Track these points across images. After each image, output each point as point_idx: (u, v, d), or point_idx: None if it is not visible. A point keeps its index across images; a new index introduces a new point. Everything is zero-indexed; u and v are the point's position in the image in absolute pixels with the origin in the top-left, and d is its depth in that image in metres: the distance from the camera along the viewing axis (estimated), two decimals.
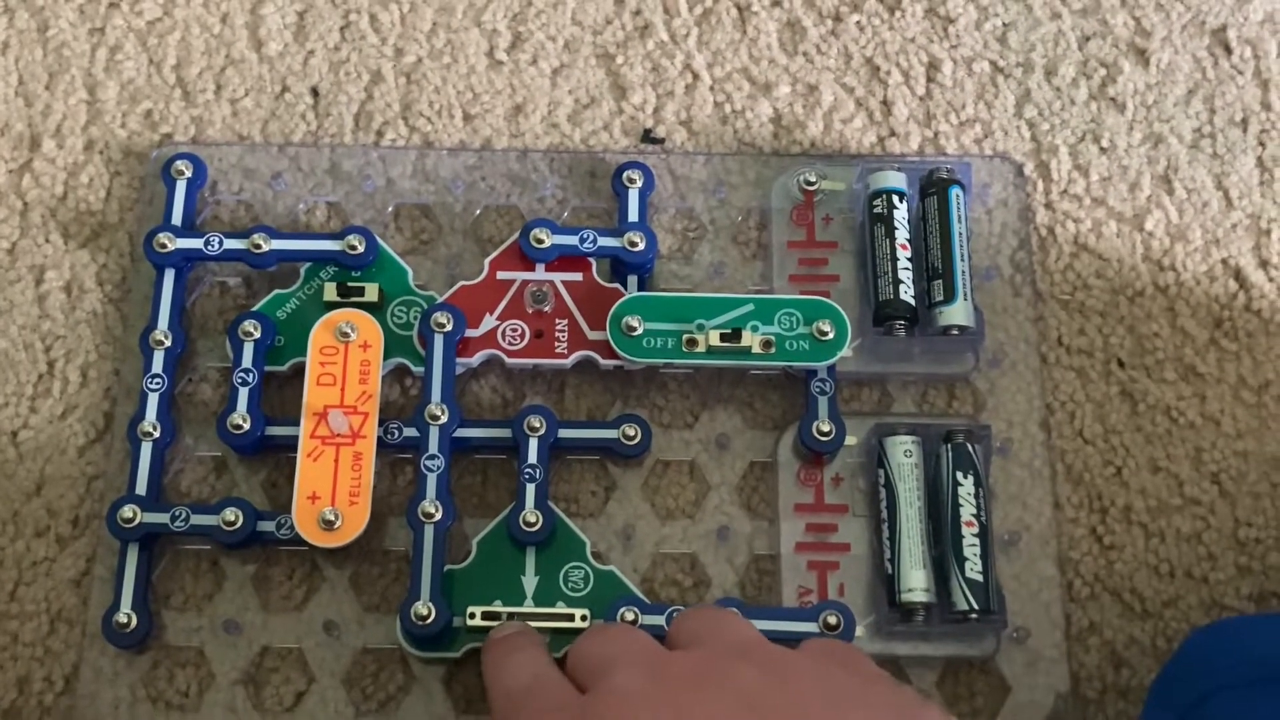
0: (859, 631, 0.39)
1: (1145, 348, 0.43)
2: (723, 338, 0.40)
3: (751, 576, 0.41)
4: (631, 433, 0.41)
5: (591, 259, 0.42)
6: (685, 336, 0.40)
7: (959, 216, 0.42)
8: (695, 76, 0.46)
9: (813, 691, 0.30)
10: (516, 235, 0.42)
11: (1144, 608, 0.41)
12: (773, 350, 0.40)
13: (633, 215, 0.43)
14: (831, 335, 0.40)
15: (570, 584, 0.39)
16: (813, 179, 0.43)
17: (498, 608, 0.39)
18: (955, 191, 0.42)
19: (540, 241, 0.42)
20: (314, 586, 0.40)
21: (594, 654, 0.33)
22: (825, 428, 0.40)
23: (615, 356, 0.41)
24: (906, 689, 0.32)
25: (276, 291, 0.42)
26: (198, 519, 0.39)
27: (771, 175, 0.44)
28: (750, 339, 0.40)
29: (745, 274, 0.44)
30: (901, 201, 0.42)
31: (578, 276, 0.42)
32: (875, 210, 0.42)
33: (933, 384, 0.42)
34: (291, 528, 0.39)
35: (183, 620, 0.40)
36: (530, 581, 0.39)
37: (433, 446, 0.40)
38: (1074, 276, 0.44)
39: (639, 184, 0.43)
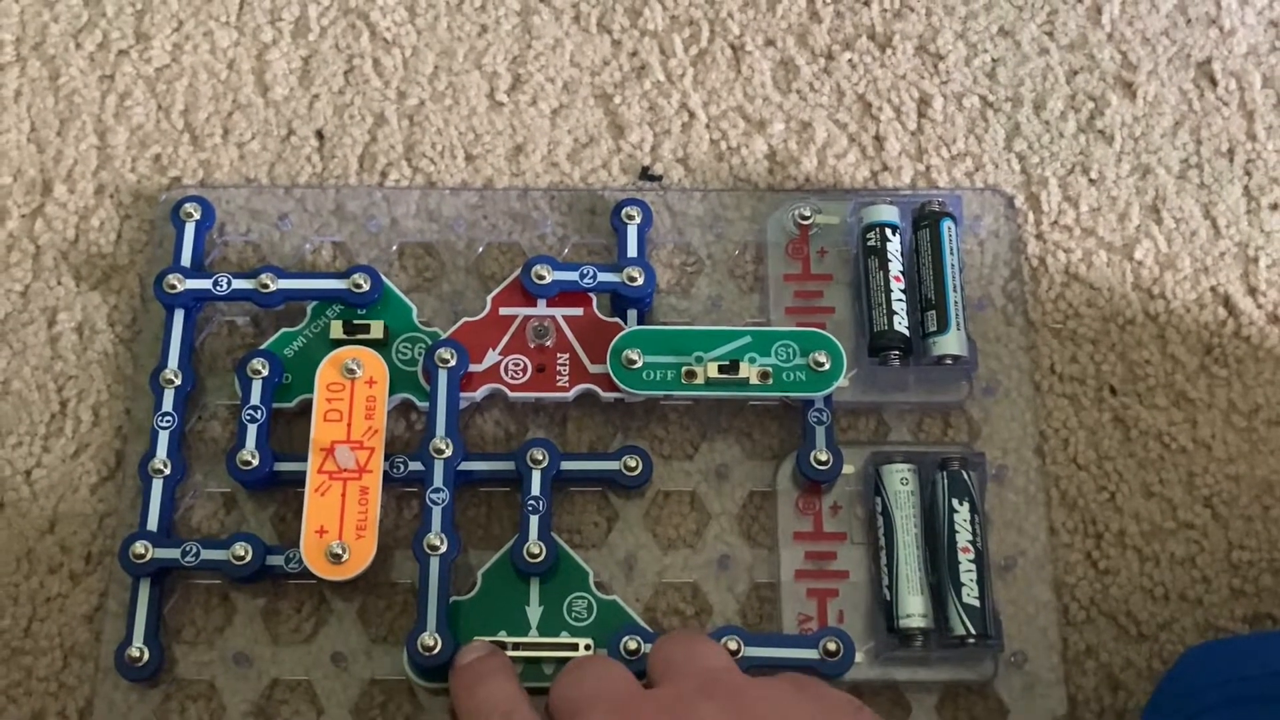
0: (858, 657, 0.39)
1: (1137, 374, 0.44)
2: (721, 369, 0.41)
3: (752, 604, 0.41)
4: (633, 464, 0.41)
5: (592, 294, 0.43)
6: (684, 369, 0.41)
7: (951, 248, 0.43)
8: (691, 115, 0.47)
9: None
10: (518, 272, 0.43)
11: (1139, 631, 0.41)
12: (770, 381, 0.41)
13: (631, 251, 0.44)
14: (828, 366, 0.41)
15: (574, 614, 0.40)
16: (807, 213, 0.44)
17: (503, 638, 0.39)
18: (947, 224, 0.43)
19: (541, 278, 0.42)
20: (322, 619, 0.41)
21: (569, 696, 0.34)
22: (823, 457, 0.41)
23: (616, 389, 0.42)
24: (867, 715, 0.32)
25: (284, 330, 0.43)
26: (208, 554, 0.40)
27: (767, 210, 0.45)
28: (748, 370, 0.41)
29: (742, 307, 0.44)
30: (895, 234, 0.43)
31: (578, 311, 0.43)
32: (869, 243, 0.43)
33: (928, 412, 0.43)
34: (300, 561, 0.40)
35: (194, 654, 0.41)
36: (534, 612, 0.40)
37: (438, 480, 0.40)
38: (1065, 305, 0.45)
39: (637, 220, 0.44)
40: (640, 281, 0.43)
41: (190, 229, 0.44)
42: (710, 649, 0.35)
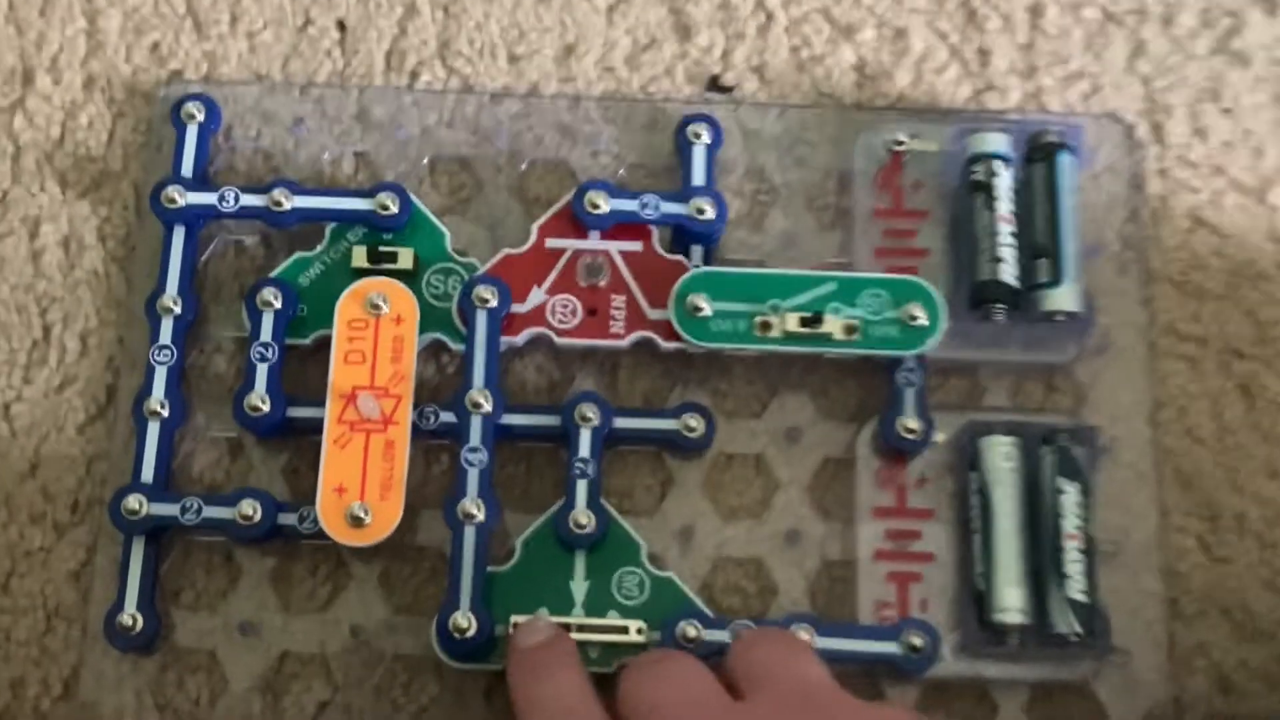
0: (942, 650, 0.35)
1: (1267, 336, 0.38)
2: (802, 322, 0.36)
3: (822, 585, 0.37)
4: (694, 424, 0.36)
5: (653, 227, 0.38)
6: (758, 319, 0.36)
7: (1069, 187, 0.37)
8: (769, 16, 0.41)
9: None
10: (568, 197, 0.38)
11: (1257, 627, 0.37)
12: (857, 336, 0.36)
13: (698, 176, 0.38)
14: (923, 320, 0.36)
15: (624, 591, 0.35)
16: (903, 138, 0.39)
17: (545, 618, 0.35)
18: (1065, 158, 0.37)
19: (596, 206, 0.37)
20: (340, 585, 0.36)
21: (646, 699, 0.29)
22: (912, 425, 0.36)
23: (677, 339, 0.36)
24: None
25: (298, 254, 0.38)
26: (211, 511, 0.35)
27: (853, 132, 0.39)
28: (832, 323, 0.36)
29: (821, 245, 0.39)
30: (1005, 167, 0.37)
31: (636, 246, 0.38)
32: (974, 177, 0.37)
33: (1029, 373, 0.38)
34: (315, 523, 0.35)
35: (194, 620, 0.36)
36: (579, 587, 0.35)
37: (474, 438, 0.35)
38: (1189, 254, 0.39)
39: (705, 139, 0.39)
40: (710, 215, 0.37)
41: (193, 132, 0.38)
42: (810, 658, 0.30)
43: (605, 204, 0.37)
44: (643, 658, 0.30)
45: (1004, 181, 0.37)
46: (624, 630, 0.35)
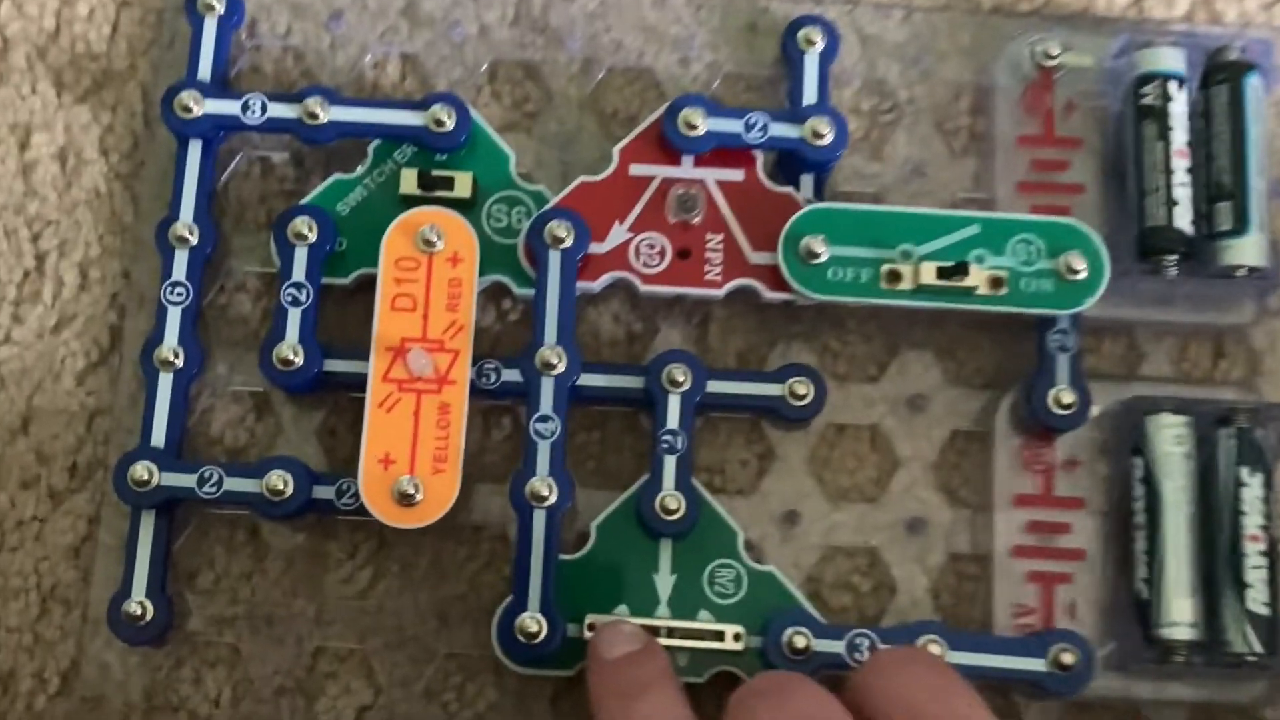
0: None
1: None
2: (941, 272, 0.30)
3: (948, 583, 0.31)
4: (802, 390, 0.31)
5: (757, 152, 0.32)
6: (885, 267, 0.30)
7: (1256, 115, 0.31)
8: None
9: None
10: (657, 115, 0.31)
11: None
12: (1004, 291, 0.30)
13: (810, 92, 0.32)
14: (1083, 274, 0.30)
15: (717, 587, 0.30)
16: (1055, 50, 0.32)
17: (623, 617, 0.29)
18: (1252, 79, 0.31)
19: (693, 127, 0.31)
20: (382, 569, 0.31)
21: None
22: (1067, 398, 0.30)
23: (785, 288, 0.31)
24: None
25: (336, 176, 0.32)
26: (234, 484, 0.30)
27: (993, 42, 0.33)
28: (977, 275, 0.30)
29: (953, 177, 0.33)
30: (1180, 90, 0.31)
31: (737, 175, 0.32)
32: (1144, 100, 0.31)
33: (1196, 336, 0.32)
34: (357, 498, 0.30)
35: (212, 607, 0.31)
36: (665, 582, 0.30)
37: (545, 404, 0.30)
38: None
39: (819, 46, 0.32)
40: (829, 139, 0.31)
41: (211, 27, 0.32)
42: (969, 698, 0.24)
43: (703, 124, 0.31)
44: (759, 684, 0.25)
45: (1179, 107, 0.31)
46: (719, 636, 0.29)
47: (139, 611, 0.30)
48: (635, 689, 0.27)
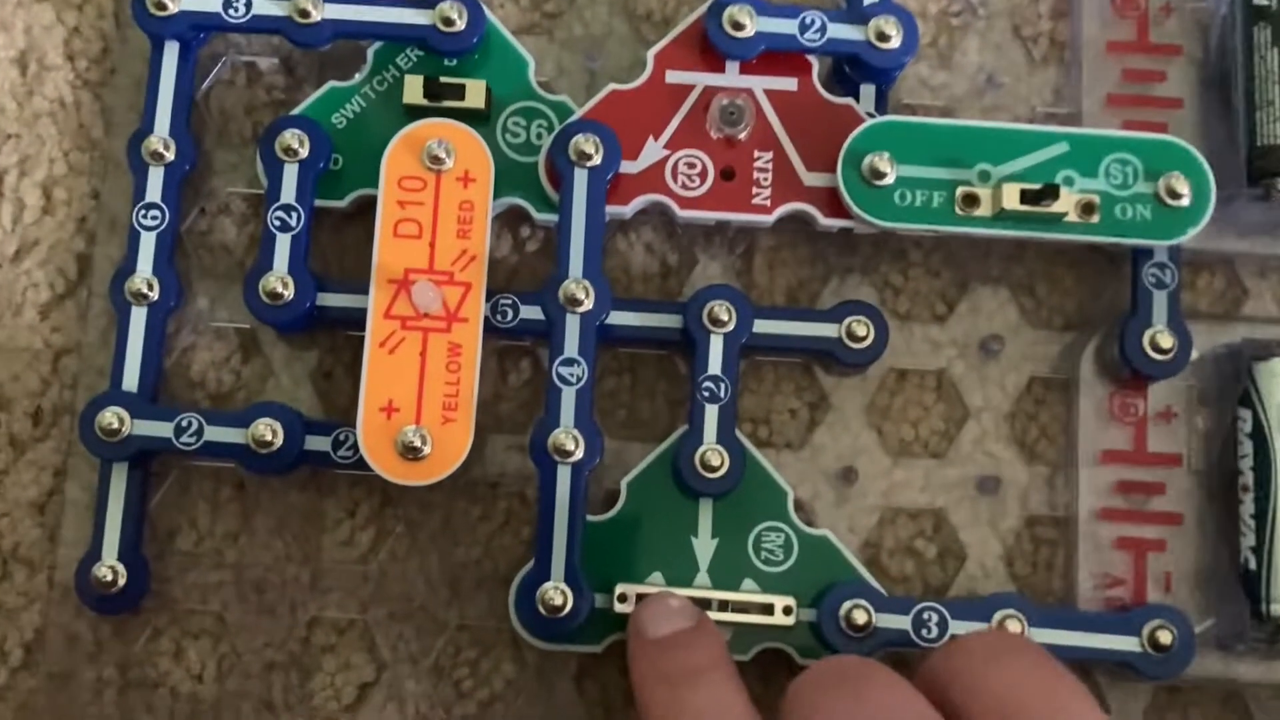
0: None
1: None
2: (1025, 196, 0.26)
3: (1024, 550, 0.28)
4: (861, 331, 0.27)
5: (813, 58, 0.28)
6: (961, 190, 0.26)
7: None
8: None
9: None
10: (699, 13, 0.28)
11: None
12: (1096, 218, 0.26)
13: None
14: (1186, 199, 0.26)
15: (764, 554, 0.27)
16: None
17: (658, 586, 0.26)
18: None
19: (740, 27, 0.27)
20: (385, 530, 0.28)
21: None
22: (1165, 341, 0.26)
23: (845, 215, 0.27)
24: None
25: (331, 84, 0.28)
26: (216, 433, 0.26)
27: None
28: (1066, 200, 0.26)
29: (1032, 88, 0.29)
30: None
31: (790, 84, 0.28)
32: (1256, 2, 0.27)
33: None
34: (355, 448, 0.26)
35: (195, 572, 0.27)
36: (705, 547, 0.27)
37: (570, 346, 0.26)
38: None
39: None
40: (895, 42, 0.27)
41: None
42: (1078, 691, 0.21)
43: (751, 24, 0.27)
44: (824, 674, 0.21)
45: None
46: (767, 609, 0.26)
47: (110, 576, 0.26)
48: (686, 675, 0.23)
